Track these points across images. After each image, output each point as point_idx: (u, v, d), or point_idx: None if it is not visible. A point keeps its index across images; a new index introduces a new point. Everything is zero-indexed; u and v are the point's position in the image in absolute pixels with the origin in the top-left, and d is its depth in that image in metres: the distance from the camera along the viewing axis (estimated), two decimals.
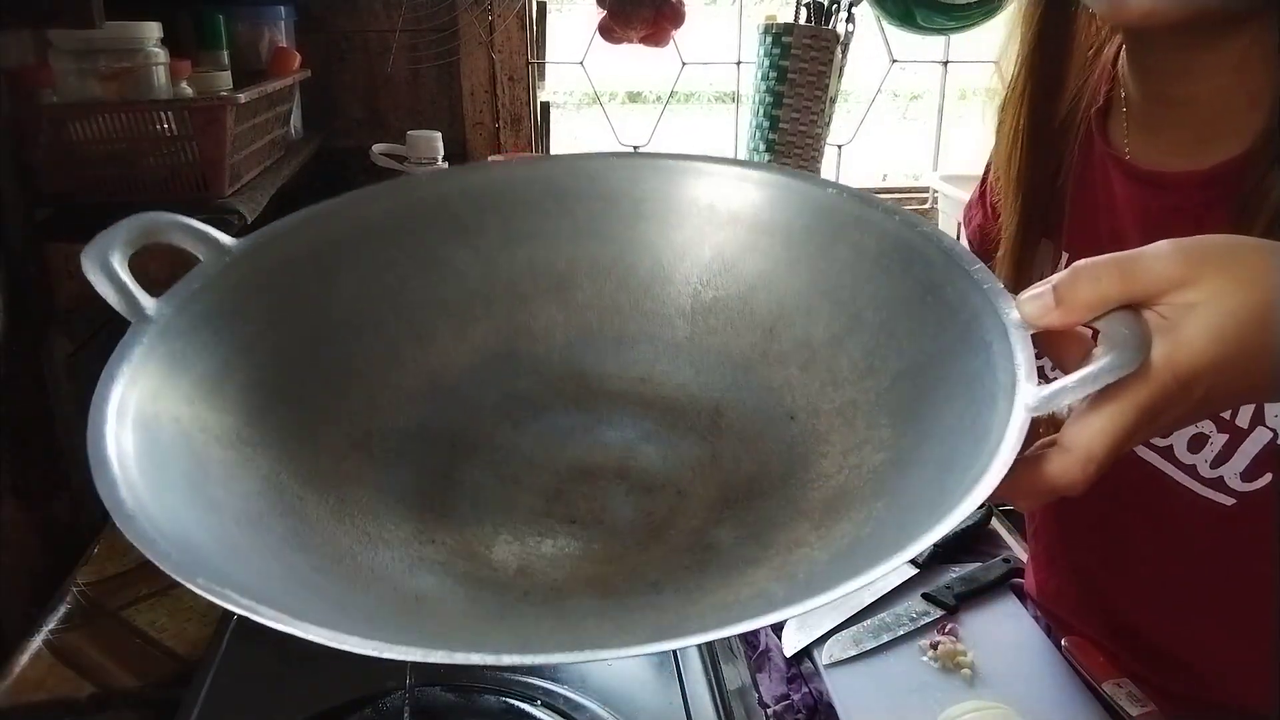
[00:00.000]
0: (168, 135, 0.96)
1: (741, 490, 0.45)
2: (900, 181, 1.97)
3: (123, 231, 0.43)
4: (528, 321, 0.52)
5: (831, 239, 0.48)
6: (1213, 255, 0.37)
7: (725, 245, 0.51)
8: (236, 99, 0.99)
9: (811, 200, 0.49)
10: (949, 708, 0.72)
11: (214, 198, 1.00)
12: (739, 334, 0.50)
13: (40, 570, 0.95)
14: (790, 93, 1.43)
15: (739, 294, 0.50)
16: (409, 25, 1.45)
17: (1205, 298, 0.36)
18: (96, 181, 0.97)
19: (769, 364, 0.49)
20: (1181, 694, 0.72)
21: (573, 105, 2.59)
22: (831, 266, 0.47)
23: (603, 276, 0.52)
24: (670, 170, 0.52)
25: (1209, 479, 0.63)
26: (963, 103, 2.06)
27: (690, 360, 0.51)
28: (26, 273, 0.92)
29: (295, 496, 0.41)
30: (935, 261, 0.43)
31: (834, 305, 0.47)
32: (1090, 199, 0.71)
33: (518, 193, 0.52)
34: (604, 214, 0.52)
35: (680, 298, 0.51)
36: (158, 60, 0.98)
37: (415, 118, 1.52)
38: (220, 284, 0.44)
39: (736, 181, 0.51)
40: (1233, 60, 0.59)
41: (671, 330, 0.51)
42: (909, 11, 1.44)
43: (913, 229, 0.45)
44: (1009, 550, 1.01)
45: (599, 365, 0.51)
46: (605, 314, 0.52)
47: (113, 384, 0.37)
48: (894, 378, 0.44)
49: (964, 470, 0.34)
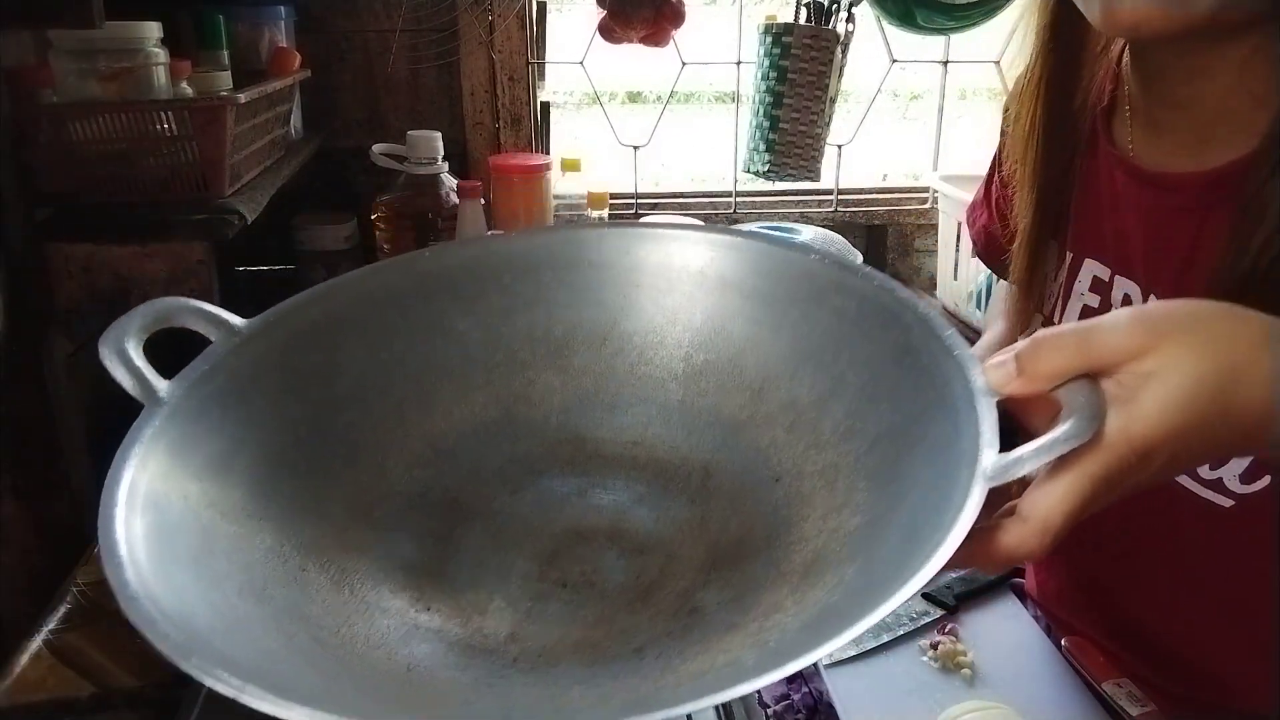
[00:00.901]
0: (168, 135, 0.96)
1: (729, 552, 0.46)
2: (900, 181, 1.97)
3: (138, 318, 0.45)
4: (526, 387, 0.54)
5: (815, 303, 0.50)
6: (1170, 325, 0.38)
7: (715, 310, 0.53)
8: (236, 99, 0.99)
9: (795, 266, 0.51)
10: (949, 708, 0.72)
11: (214, 198, 1.00)
12: (729, 396, 0.52)
13: (40, 570, 0.95)
14: (790, 93, 1.43)
15: (729, 357, 0.52)
16: (409, 25, 1.45)
17: (1162, 367, 0.36)
18: (96, 181, 0.97)
19: (757, 425, 0.50)
20: (1182, 694, 0.72)
21: (573, 105, 2.59)
22: (814, 330, 0.49)
23: (599, 342, 0.54)
24: (662, 238, 0.54)
25: (1208, 480, 0.63)
26: (963, 103, 2.06)
27: (683, 423, 0.52)
28: (26, 273, 0.92)
29: (298, 567, 0.42)
30: (911, 326, 0.44)
31: (817, 368, 0.49)
32: (1094, 199, 0.71)
33: (516, 263, 0.55)
34: (599, 282, 0.54)
35: (673, 361, 0.53)
36: (158, 60, 0.98)
37: (415, 118, 1.52)
38: (230, 364, 0.46)
39: (725, 249, 0.53)
40: (1236, 63, 0.59)
41: (665, 393, 0.53)
42: (909, 11, 1.44)
43: (890, 294, 0.47)
44: None
45: (595, 429, 0.53)
46: (601, 379, 0.54)
47: (124, 466, 0.39)
48: (872, 441, 0.45)
49: (928, 537, 0.34)
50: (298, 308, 0.50)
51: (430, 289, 0.53)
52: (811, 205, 1.68)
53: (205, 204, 0.99)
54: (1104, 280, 0.71)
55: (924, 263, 1.72)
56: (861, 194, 1.71)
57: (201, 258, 0.97)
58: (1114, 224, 0.69)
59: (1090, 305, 0.72)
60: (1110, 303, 0.70)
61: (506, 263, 0.55)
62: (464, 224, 1.31)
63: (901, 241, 1.71)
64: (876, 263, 1.70)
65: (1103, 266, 0.71)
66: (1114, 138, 0.70)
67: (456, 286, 0.54)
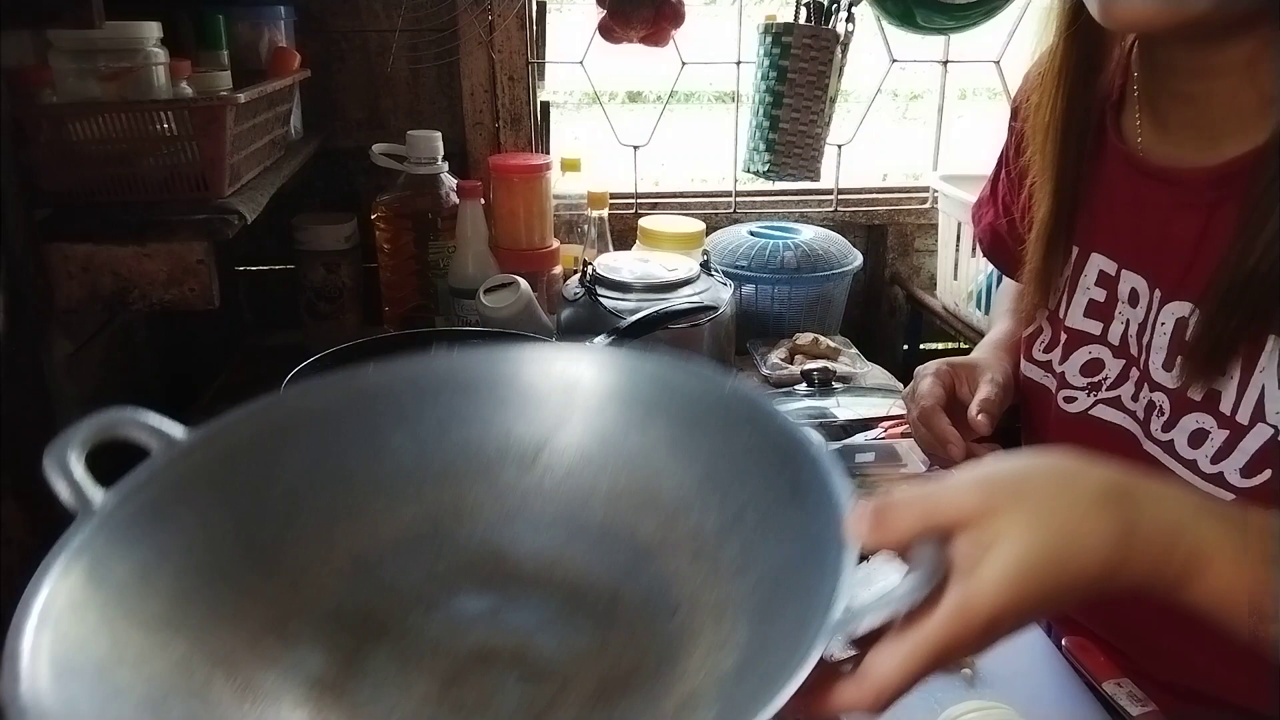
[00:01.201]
0: (168, 135, 0.96)
1: (618, 684, 0.48)
2: (900, 181, 1.97)
3: (83, 431, 0.47)
4: (455, 502, 0.55)
5: (728, 434, 0.52)
6: (1005, 491, 0.40)
7: (641, 433, 0.55)
8: (236, 99, 0.99)
9: (712, 395, 0.54)
10: (949, 708, 0.72)
11: (214, 198, 1.00)
12: (645, 519, 0.53)
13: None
14: (790, 93, 1.43)
15: (650, 480, 0.54)
16: (409, 25, 1.45)
17: (999, 537, 0.38)
18: (96, 181, 0.96)
19: (666, 552, 0.52)
20: (1182, 694, 0.72)
21: (573, 105, 2.59)
22: (725, 460, 0.52)
23: (529, 460, 0.56)
24: (596, 361, 0.57)
25: (1209, 475, 0.63)
26: (963, 103, 2.06)
27: (599, 543, 0.54)
28: (26, 273, 0.92)
29: (203, 679, 0.44)
30: (805, 465, 0.46)
31: (724, 497, 0.51)
32: (1102, 193, 0.71)
33: (456, 381, 0.57)
34: (534, 400, 0.56)
35: (598, 481, 0.55)
36: (158, 60, 0.98)
37: (415, 118, 1.52)
38: (166, 476, 0.47)
39: (656, 377, 0.56)
40: (1241, 60, 0.59)
41: (587, 513, 0.54)
42: (909, 11, 1.44)
43: (792, 432, 0.49)
44: None
45: (516, 545, 0.55)
46: (528, 496, 0.55)
47: (45, 577, 0.42)
48: (758, 580, 0.47)
49: (778, 684, 0.36)
50: (239, 421, 0.51)
51: (369, 405, 0.55)
52: (811, 205, 1.68)
53: (205, 204, 0.99)
54: (1110, 275, 0.71)
55: (924, 263, 1.72)
56: (861, 194, 1.71)
57: (201, 258, 0.97)
58: (1122, 218, 0.70)
59: (1096, 300, 0.72)
60: (1117, 297, 0.70)
61: (446, 380, 0.57)
62: (464, 224, 1.31)
63: (901, 241, 1.71)
64: (876, 263, 1.71)
65: (1110, 261, 0.71)
66: (1122, 132, 0.70)
67: (396, 403, 0.56)
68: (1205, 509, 0.42)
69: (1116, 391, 0.71)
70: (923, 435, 0.77)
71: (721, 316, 1.21)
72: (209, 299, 0.98)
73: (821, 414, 1.12)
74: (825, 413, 1.13)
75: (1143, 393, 0.68)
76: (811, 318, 1.50)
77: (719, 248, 1.50)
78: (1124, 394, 0.70)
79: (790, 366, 1.36)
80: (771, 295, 1.48)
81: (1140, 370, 0.69)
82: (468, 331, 1.13)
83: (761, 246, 1.49)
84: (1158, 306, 0.67)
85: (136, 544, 0.45)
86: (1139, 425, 0.69)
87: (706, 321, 1.19)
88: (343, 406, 0.55)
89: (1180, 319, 0.65)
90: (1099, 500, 0.40)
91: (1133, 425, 0.70)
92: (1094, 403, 0.73)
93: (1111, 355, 0.71)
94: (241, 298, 1.57)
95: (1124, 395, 0.70)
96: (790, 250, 1.48)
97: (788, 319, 1.49)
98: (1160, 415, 0.67)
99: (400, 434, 0.55)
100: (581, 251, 1.44)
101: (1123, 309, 0.70)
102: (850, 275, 1.52)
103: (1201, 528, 0.40)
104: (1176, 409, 0.65)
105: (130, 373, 1.26)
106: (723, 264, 1.43)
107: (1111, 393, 0.71)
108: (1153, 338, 0.67)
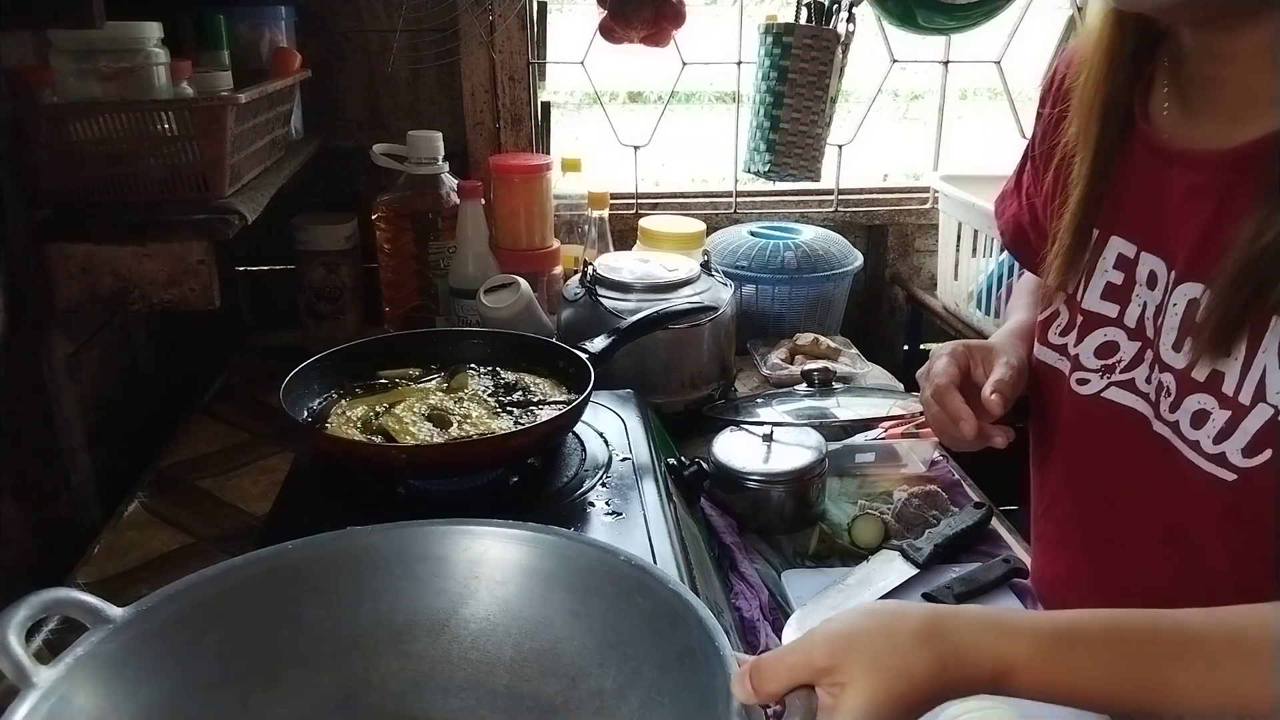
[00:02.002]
0: (168, 135, 0.96)
1: None
2: (900, 181, 1.97)
3: (23, 609, 0.50)
4: (367, 672, 0.58)
5: (621, 600, 0.57)
6: (843, 645, 0.48)
7: (541, 602, 0.60)
8: (237, 99, 0.99)
9: (607, 566, 0.58)
10: (949, 707, 0.72)
11: (214, 198, 1.00)
12: (548, 682, 0.58)
13: (40, 570, 0.95)
14: (790, 93, 1.43)
15: (551, 646, 0.58)
16: (409, 25, 1.45)
17: (849, 681, 0.47)
18: (96, 181, 0.96)
19: (569, 711, 0.56)
20: None
21: (573, 105, 2.59)
22: (621, 624, 0.56)
23: (437, 629, 0.60)
24: (501, 536, 0.61)
25: (1212, 455, 0.64)
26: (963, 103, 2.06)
27: (506, 707, 0.58)
28: (26, 273, 0.92)
29: None
30: (693, 627, 0.52)
31: (621, 659, 0.56)
32: (1125, 176, 0.72)
33: (370, 556, 0.61)
34: (442, 574, 0.61)
35: (503, 648, 0.59)
36: (158, 60, 0.98)
37: (415, 118, 1.52)
38: (100, 651, 0.50)
39: (551, 547, 0.61)
40: (1259, 44, 0.61)
41: (493, 678, 0.58)
42: (909, 11, 1.44)
43: (679, 598, 0.54)
44: (1009, 550, 1.01)
45: (428, 712, 0.58)
46: (437, 664, 0.59)
47: None
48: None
49: None
50: (168, 598, 0.54)
51: (287, 581, 0.59)
52: (812, 205, 1.68)
53: (205, 204, 0.99)
54: (1129, 258, 0.72)
55: (924, 263, 1.72)
56: (862, 194, 1.71)
57: (201, 258, 0.97)
58: (1143, 201, 0.71)
59: (1113, 282, 0.73)
60: (1135, 280, 0.71)
61: (359, 556, 0.61)
62: (464, 224, 1.31)
63: (902, 241, 1.71)
64: (877, 263, 1.71)
65: (1129, 244, 0.72)
66: (1149, 115, 0.71)
67: (312, 578, 0.59)
68: (999, 628, 0.50)
69: (1130, 374, 0.72)
70: (935, 413, 0.78)
71: (722, 317, 1.21)
72: (209, 299, 0.98)
73: (821, 414, 1.12)
74: (825, 413, 1.13)
75: (1154, 374, 0.70)
76: (812, 318, 1.50)
77: (719, 248, 1.50)
78: (1138, 376, 0.71)
79: (790, 366, 1.36)
80: (772, 295, 1.48)
81: (1154, 352, 0.70)
82: (468, 331, 1.13)
83: (762, 247, 1.49)
84: (1173, 288, 0.68)
85: (75, 716, 0.48)
86: (1150, 407, 0.70)
87: (706, 321, 1.19)
88: (262, 584, 0.58)
89: (1192, 300, 0.66)
90: (916, 639, 0.49)
91: (1145, 407, 0.71)
92: (1106, 385, 0.74)
93: (1127, 338, 0.72)
94: (241, 298, 1.57)
95: (1138, 378, 0.71)
96: (790, 250, 1.47)
97: (788, 319, 1.49)
98: (1168, 396, 0.68)
99: (316, 608, 0.59)
100: (582, 251, 1.44)
101: (1140, 291, 0.71)
102: (850, 275, 1.52)
103: (999, 644, 0.49)
104: (1181, 389, 0.66)
105: (130, 373, 1.26)
106: (723, 264, 1.43)
107: (1125, 375, 0.72)
108: (1165, 319, 0.68)
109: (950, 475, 1.14)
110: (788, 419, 1.10)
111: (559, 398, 0.90)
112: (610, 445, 0.90)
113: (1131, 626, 0.51)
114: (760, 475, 1.03)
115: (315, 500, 0.84)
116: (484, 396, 0.89)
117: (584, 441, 0.90)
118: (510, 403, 0.89)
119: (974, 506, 1.05)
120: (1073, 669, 0.49)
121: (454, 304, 1.33)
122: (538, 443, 0.84)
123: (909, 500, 1.05)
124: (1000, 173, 0.95)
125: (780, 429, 1.08)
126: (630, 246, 1.48)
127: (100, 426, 1.13)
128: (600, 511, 0.79)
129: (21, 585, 0.93)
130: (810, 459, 1.04)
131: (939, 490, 1.08)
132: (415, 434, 0.82)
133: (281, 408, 0.82)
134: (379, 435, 0.82)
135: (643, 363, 1.16)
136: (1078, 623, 0.52)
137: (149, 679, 0.52)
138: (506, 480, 0.83)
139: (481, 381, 0.93)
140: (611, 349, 0.96)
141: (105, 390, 1.17)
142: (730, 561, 0.96)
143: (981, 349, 0.81)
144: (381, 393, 0.90)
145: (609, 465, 0.86)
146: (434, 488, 0.83)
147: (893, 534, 1.02)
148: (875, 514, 1.03)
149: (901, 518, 1.04)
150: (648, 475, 0.85)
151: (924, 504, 1.05)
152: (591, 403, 0.89)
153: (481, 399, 0.89)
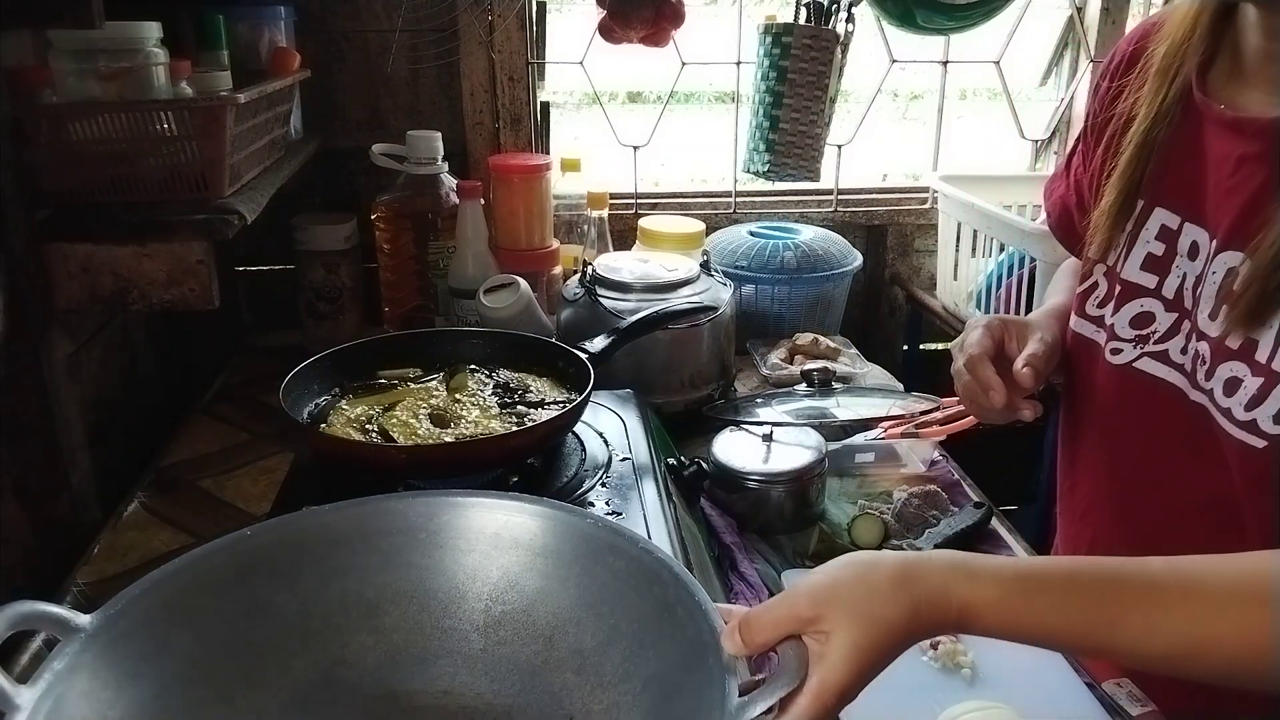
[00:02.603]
0: (168, 135, 0.96)
1: None
2: (900, 181, 1.97)
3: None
4: (341, 649, 0.59)
5: (592, 561, 0.58)
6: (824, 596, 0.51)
7: (509, 567, 0.61)
8: (236, 99, 0.99)
9: (574, 529, 0.60)
10: (949, 708, 0.72)
11: (214, 198, 1.00)
12: (525, 644, 0.59)
13: (40, 570, 0.95)
14: (790, 93, 1.43)
15: (523, 608, 0.60)
16: (409, 25, 1.45)
17: (833, 629, 0.50)
18: (96, 181, 0.96)
19: (550, 670, 0.57)
20: (1182, 693, 0.72)
21: (573, 105, 2.59)
22: (594, 584, 0.58)
23: (406, 601, 0.60)
24: (460, 505, 0.62)
25: (1243, 421, 0.65)
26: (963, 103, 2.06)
27: (485, 670, 0.59)
28: (26, 273, 0.92)
29: None
30: (669, 583, 0.54)
31: (597, 617, 0.57)
32: (1174, 149, 0.73)
33: (329, 535, 0.61)
34: (405, 546, 0.61)
35: (474, 614, 0.60)
36: (158, 60, 0.98)
37: (415, 118, 1.52)
38: (76, 661, 0.50)
39: (516, 513, 0.62)
40: None
41: (468, 644, 0.60)
42: (909, 11, 1.44)
43: (651, 555, 0.56)
44: (1009, 550, 1.01)
45: (407, 683, 0.59)
46: (410, 635, 0.60)
47: None
48: (644, 682, 0.53)
49: None
50: (132, 601, 0.54)
51: (248, 569, 0.59)
52: (811, 205, 1.68)
53: (205, 204, 0.99)
54: (1172, 229, 0.73)
55: (924, 263, 1.72)
56: (861, 194, 1.71)
57: (201, 258, 0.97)
58: (1190, 171, 0.72)
59: (1154, 253, 0.74)
60: (1176, 250, 0.72)
61: (320, 536, 0.61)
62: (464, 224, 1.31)
63: (901, 241, 1.71)
64: (876, 263, 1.71)
65: (1172, 215, 0.73)
66: (1207, 87, 0.72)
67: (274, 563, 0.59)
68: (966, 572, 0.53)
69: (1164, 345, 0.73)
70: (966, 382, 0.79)
71: (721, 317, 1.21)
72: (209, 299, 0.98)
73: (821, 414, 1.12)
74: (825, 413, 1.13)
75: (1190, 344, 0.71)
76: (811, 318, 1.50)
77: (719, 248, 1.50)
78: (1172, 347, 0.72)
79: (790, 366, 1.36)
80: (771, 295, 1.48)
81: (1191, 323, 0.71)
82: (468, 331, 1.13)
83: (761, 247, 1.49)
84: (1213, 257, 0.69)
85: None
86: (1185, 378, 0.71)
87: (706, 321, 1.19)
88: (224, 576, 0.58)
89: (1231, 268, 0.67)
90: (891, 585, 0.52)
91: (1178, 379, 0.72)
92: (1139, 355, 0.75)
93: (1164, 309, 0.73)
94: (241, 298, 1.57)
95: (1172, 349, 0.72)
96: (790, 250, 1.48)
97: (788, 319, 1.49)
98: (1203, 365, 0.69)
99: (282, 593, 0.59)
100: (581, 251, 1.44)
101: (1180, 262, 0.72)
102: (850, 275, 1.52)
103: (966, 587, 0.52)
104: (1215, 357, 0.67)
105: (130, 373, 1.26)
106: (723, 264, 1.43)
107: (1159, 346, 0.73)
108: (1205, 288, 0.69)
109: (950, 475, 1.14)
110: (787, 419, 1.11)
111: (559, 398, 0.90)
112: (610, 445, 0.90)
113: (1092, 572, 0.54)
114: (760, 475, 1.03)
115: (315, 500, 0.83)
116: (484, 396, 0.89)
117: (584, 441, 0.91)
118: (510, 403, 0.89)
119: (974, 506, 1.05)
120: (1033, 611, 0.52)
121: (454, 304, 1.33)
122: (537, 443, 0.85)
123: (909, 500, 1.06)
124: (1000, 173, 0.96)
125: (780, 429, 1.08)
126: (630, 246, 1.48)
127: (100, 426, 1.13)
128: (600, 511, 0.79)
129: (22, 585, 0.93)
130: (810, 459, 1.05)
131: (939, 490, 1.08)
132: (415, 434, 0.82)
133: (281, 408, 0.82)
134: (379, 435, 0.82)
135: (642, 363, 1.16)
136: (1040, 567, 0.55)
137: (129, 683, 0.51)
138: (506, 480, 0.83)
139: (481, 382, 0.93)
140: (611, 349, 0.96)
141: (105, 390, 1.17)
142: (730, 561, 0.96)
143: (1016, 324, 0.82)
144: (381, 393, 0.90)
145: (609, 465, 0.87)
146: (434, 488, 0.83)
147: (893, 534, 1.02)
148: (875, 514, 1.04)
149: (901, 518, 1.04)
150: (647, 475, 0.85)
151: (924, 504, 1.05)
152: (591, 403, 0.89)
153: (481, 399, 0.89)
